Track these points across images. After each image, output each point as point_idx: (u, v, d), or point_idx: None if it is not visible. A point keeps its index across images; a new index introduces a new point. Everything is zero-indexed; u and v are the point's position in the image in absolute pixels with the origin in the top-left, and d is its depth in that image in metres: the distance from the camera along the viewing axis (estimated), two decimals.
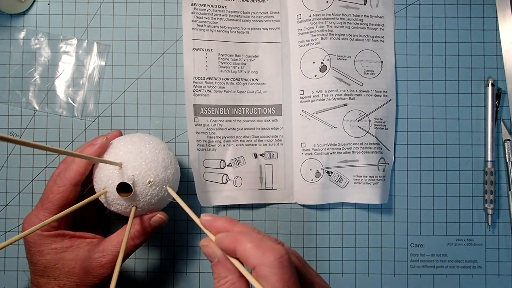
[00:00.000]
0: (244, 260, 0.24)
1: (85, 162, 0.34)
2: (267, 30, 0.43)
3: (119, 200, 0.32)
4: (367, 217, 0.43)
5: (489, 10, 0.43)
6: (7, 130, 0.42)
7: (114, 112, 0.43)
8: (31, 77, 0.42)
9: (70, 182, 0.33)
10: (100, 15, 0.43)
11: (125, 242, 0.29)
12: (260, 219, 0.43)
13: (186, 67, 0.42)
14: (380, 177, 0.41)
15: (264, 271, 0.23)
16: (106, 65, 0.43)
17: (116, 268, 0.27)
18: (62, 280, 0.32)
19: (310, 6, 0.42)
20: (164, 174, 0.33)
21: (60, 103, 0.42)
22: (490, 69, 0.43)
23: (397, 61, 0.43)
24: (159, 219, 0.34)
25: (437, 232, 0.42)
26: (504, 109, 0.43)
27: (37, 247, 0.32)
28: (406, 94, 0.43)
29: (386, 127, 0.43)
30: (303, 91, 0.42)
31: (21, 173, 0.42)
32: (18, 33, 0.43)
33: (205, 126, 0.42)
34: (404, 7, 0.44)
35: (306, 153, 0.42)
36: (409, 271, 0.42)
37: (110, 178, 0.32)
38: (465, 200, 0.43)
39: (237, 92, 0.42)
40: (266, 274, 0.22)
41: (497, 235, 0.42)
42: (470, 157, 0.43)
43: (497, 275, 0.42)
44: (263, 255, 0.23)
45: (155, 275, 0.42)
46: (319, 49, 0.42)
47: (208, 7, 0.42)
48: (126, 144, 0.34)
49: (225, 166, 0.42)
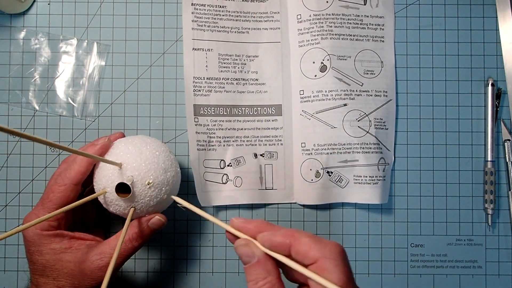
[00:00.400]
0: (303, 255, 0.24)
1: (86, 162, 0.34)
2: (267, 30, 0.43)
3: (117, 200, 0.32)
4: (367, 217, 0.43)
5: (489, 10, 0.43)
6: None
7: (114, 112, 0.43)
8: (31, 77, 0.42)
9: (71, 182, 0.33)
10: (100, 15, 0.43)
11: (120, 242, 0.29)
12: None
13: (186, 67, 0.42)
14: (380, 177, 0.41)
15: (328, 264, 0.22)
16: (106, 65, 0.43)
17: (109, 268, 0.27)
18: (60, 281, 0.32)
19: (310, 6, 0.42)
20: (163, 176, 0.33)
21: (60, 103, 0.42)
22: (490, 69, 0.43)
23: (397, 61, 0.43)
24: (157, 221, 0.34)
25: (437, 232, 0.42)
26: (504, 109, 0.43)
27: (36, 246, 0.32)
28: (406, 94, 0.43)
29: (386, 127, 0.43)
30: (303, 91, 0.42)
31: (21, 173, 0.42)
32: (18, 33, 0.43)
33: (205, 126, 0.42)
34: (404, 7, 0.44)
35: (306, 153, 0.42)
36: (409, 271, 0.42)
37: (109, 178, 0.32)
38: (465, 200, 0.43)
39: (237, 92, 0.42)
40: (329, 267, 0.22)
41: (497, 235, 0.42)
42: (470, 157, 0.43)
43: (497, 275, 0.42)
44: (325, 248, 0.23)
45: (155, 275, 0.42)
46: (319, 49, 0.42)
47: (208, 7, 0.42)
48: (127, 145, 0.34)
49: (225, 166, 0.42)
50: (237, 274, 0.42)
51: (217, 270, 0.42)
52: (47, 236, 0.32)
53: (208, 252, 0.42)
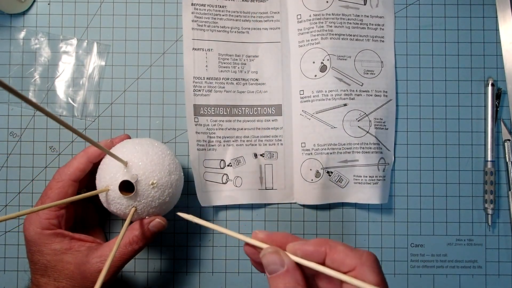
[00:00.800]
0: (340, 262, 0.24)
1: (85, 159, 0.34)
2: (267, 30, 0.43)
3: (120, 199, 0.32)
4: (367, 217, 0.43)
5: (489, 10, 0.43)
6: (7, 130, 0.42)
7: (114, 112, 0.43)
8: (31, 77, 0.42)
9: (69, 177, 0.33)
10: (100, 15, 0.43)
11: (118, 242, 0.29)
12: (260, 219, 0.43)
13: (186, 67, 0.42)
14: (380, 177, 0.41)
15: (366, 272, 0.23)
16: (106, 65, 0.43)
17: (104, 270, 0.26)
18: (61, 282, 0.32)
19: (310, 6, 0.42)
20: (167, 178, 0.33)
21: (60, 103, 0.42)
22: (490, 69, 0.43)
23: (397, 61, 0.43)
24: (158, 224, 0.34)
25: (437, 232, 0.42)
26: (504, 109, 0.43)
27: (37, 246, 0.32)
28: (406, 94, 0.43)
29: (386, 127, 0.43)
30: (303, 91, 0.42)
31: (21, 173, 0.42)
32: (18, 33, 0.43)
33: (205, 126, 0.42)
34: (404, 7, 0.44)
35: (306, 153, 0.42)
36: (409, 271, 0.42)
37: (114, 175, 0.32)
38: (465, 200, 0.43)
39: (237, 92, 0.42)
40: (368, 274, 0.23)
41: (497, 235, 0.42)
42: (470, 157, 0.43)
43: (497, 275, 0.42)
44: (361, 256, 0.23)
45: (155, 275, 0.42)
46: (319, 49, 0.42)
47: (208, 7, 0.42)
48: (134, 144, 0.34)
49: (225, 166, 0.42)
50: (237, 274, 0.42)
51: (217, 270, 0.42)
52: (48, 236, 0.32)
53: (208, 252, 0.42)
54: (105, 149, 0.30)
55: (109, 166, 0.33)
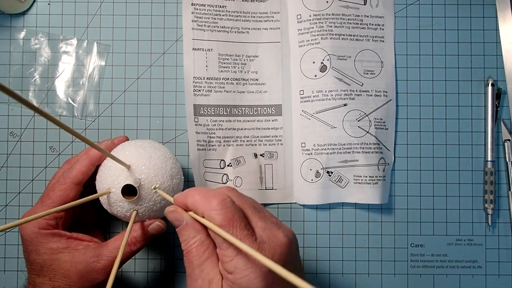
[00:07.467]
0: (195, 211, 0.27)
1: (88, 163, 0.34)
2: (267, 30, 0.43)
3: (121, 202, 0.32)
4: (367, 217, 0.43)
5: (489, 10, 0.43)
6: (7, 130, 0.42)
7: (114, 112, 0.43)
8: (31, 77, 0.42)
9: (72, 181, 0.33)
10: (100, 15, 0.43)
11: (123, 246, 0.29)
12: None
13: (186, 67, 0.42)
14: (380, 177, 0.41)
15: (211, 214, 0.26)
16: (106, 65, 0.43)
17: (113, 272, 0.27)
18: (57, 282, 0.32)
19: (310, 6, 0.42)
20: (169, 182, 0.33)
21: (60, 103, 0.42)
22: (490, 69, 0.43)
23: (397, 61, 0.43)
24: (157, 227, 0.34)
25: (437, 232, 0.42)
26: (504, 109, 0.43)
27: (34, 245, 0.32)
28: (406, 94, 0.43)
29: (386, 127, 0.43)
30: (303, 91, 0.42)
31: (21, 173, 0.42)
32: (18, 33, 0.43)
33: (205, 126, 0.42)
34: (404, 7, 0.44)
35: (306, 153, 0.42)
36: (409, 271, 0.42)
37: (116, 178, 0.32)
38: (465, 200, 0.43)
39: (237, 92, 0.42)
40: (213, 217, 0.26)
41: (497, 235, 0.42)
42: (470, 157, 0.43)
43: (497, 275, 0.42)
44: (208, 202, 0.26)
45: (155, 275, 0.42)
46: (319, 49, 0.42)
47: (208, 7, 0.42)
48: (136, 147, 0.34)
49: (225, 166, 0.42)
50: None
51: None
52: (45, 235, 0.32)
53: None
54: (107, 152, 0.30)
55: (111, 169, 0.33)
